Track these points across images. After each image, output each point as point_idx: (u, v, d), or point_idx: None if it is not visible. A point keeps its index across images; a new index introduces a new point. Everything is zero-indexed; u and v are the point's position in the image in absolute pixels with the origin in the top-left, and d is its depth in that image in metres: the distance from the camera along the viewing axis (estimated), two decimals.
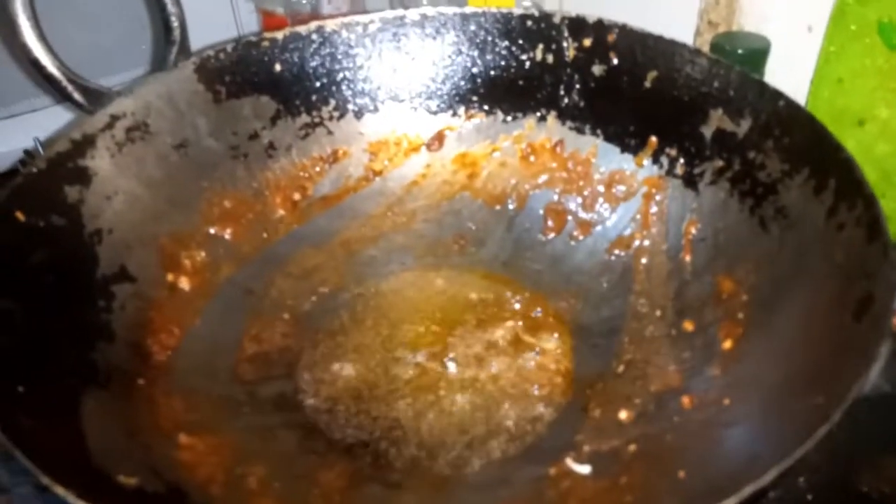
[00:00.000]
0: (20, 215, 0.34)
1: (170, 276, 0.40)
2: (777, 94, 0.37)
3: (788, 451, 0.21)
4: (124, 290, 0.38)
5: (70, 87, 0.39)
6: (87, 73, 0.43)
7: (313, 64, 0.47)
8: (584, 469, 0.32)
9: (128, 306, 0.37)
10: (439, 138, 0.49)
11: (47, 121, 0.66)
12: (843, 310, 0.28)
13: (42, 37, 0.38)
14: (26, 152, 0.63)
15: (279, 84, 0.46)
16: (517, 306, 0.43)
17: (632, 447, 0.32)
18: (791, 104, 0.37)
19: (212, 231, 0.43)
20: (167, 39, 0.43)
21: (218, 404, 0.36)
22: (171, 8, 0.42)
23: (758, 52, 0.50)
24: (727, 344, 0.34)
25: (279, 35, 0.46)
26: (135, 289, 0.38)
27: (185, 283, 0.40)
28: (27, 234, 0.34)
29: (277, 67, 0.46)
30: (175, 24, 0.43)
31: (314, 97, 0.47)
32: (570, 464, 0.32)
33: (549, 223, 0.46)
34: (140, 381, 0.34)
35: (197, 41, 0.51)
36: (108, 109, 0.40)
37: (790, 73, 0.53)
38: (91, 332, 0.34)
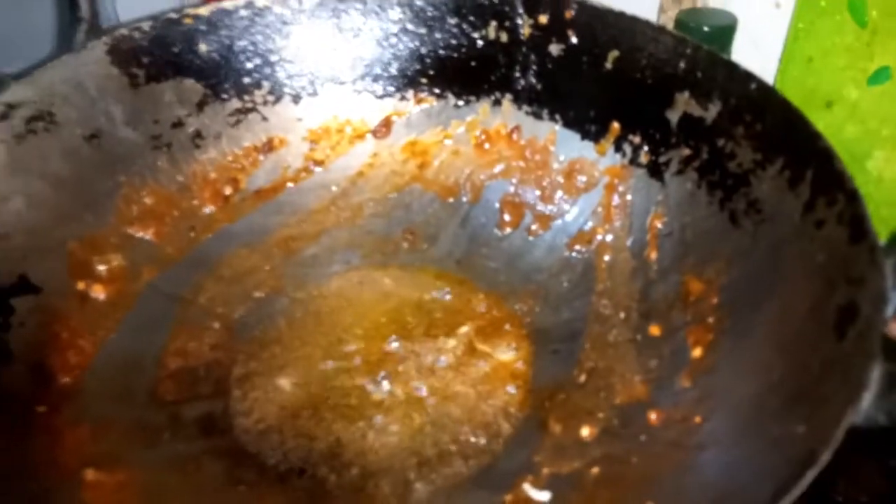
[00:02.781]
0: None
1: (80, 285, 0.36)
2: (748, 76, 0.34)
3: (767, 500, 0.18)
4: (25, 304, 0.33)
5: None
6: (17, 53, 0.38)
7: (243, 43, 0.42)
8: (543, 496, 0.29)
9: (28, 322, 0.33)
10: (386, 124, 0.45)
11: None
12: (823, 319, 0.25)
13: None
14: None
15: (206, 66, 0.42)
16: (472, 309, 0.40)
17: (594, 470, 0.29)
18: (763, 87, 0.34)
19: (130, 232, 0.39)
20: (73, 17, 0.38)
21: (132, 431, 0.32)
22: None
23: (724, 30, 0.48)
24: (697, 352, 0.31)
25: (203, 11, 0.41)
26: (38, 301, 0.34)
27: (98, 292, 0.36)
28: None
29: (203, 47, 0.41)
30: None
31: (246, 80, 0.43)
32: (528, 490, 0.29)
33: (506, 217, 0.43)
34: (40, 409, 0.30)
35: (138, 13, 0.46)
36: (4, 97, 0.35)
37: (758, 52, 0.51)
38: None
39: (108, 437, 0.31)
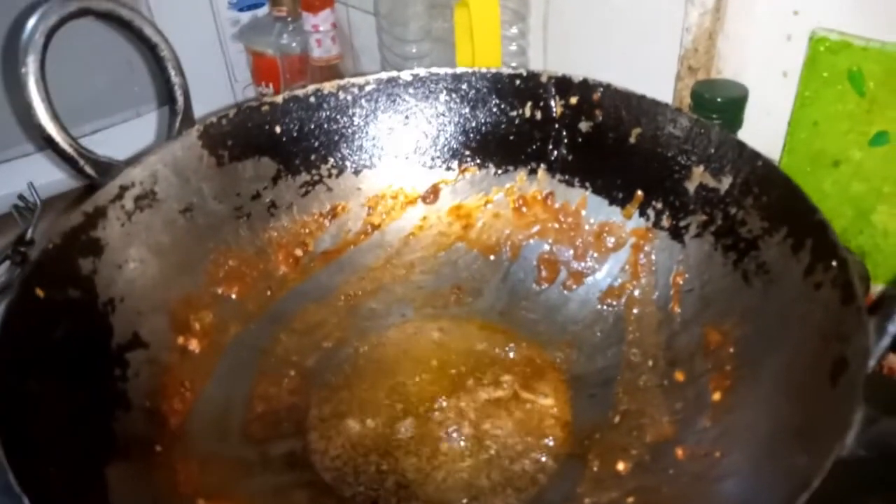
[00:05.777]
0: (40, 292, 0.35)
1: (180, 339, 0.42)
2: (755, 155, 0.39)
3: None
4: (138, 357, 0.39)
5: (81, 162, 0.40)
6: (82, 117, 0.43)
7: (312, 125, 0.48)
8: None
9: (142, 373, 0.38)
10: (434, 191, 0.51)
11: (40, 165, 0.68)
12: (820, 370, 0.30)
13: (55, 116, 0.39)
14: (20, 197, 0.65)
15: (279, 145, 0.48)
16: (514, 357, 0.45)
17: (630, 499, 0.34)
18: (768, 164, 0.39)
19: (218, 291, 0.45)
20: (171, 109, 0.45)
21: (231, 466, 0.37)
22: (174, 79, 0.44)
23: (737, 101, 0.53)
24: (716, 395, 0.36)
25: (279, 99, 0.47)
26: (148, 355, 0.39)
27: (195, 345, 0.42)
28: (47, 310, 0.35)
29: (277, 129, 0.48)
30: (179, 93, 0.44)
31: (313, 156, 0.49)
32: None
33: (543, 273, 0.48)
34: (157, 448, 0.36)
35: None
36: (118, 181, 0.41)
37: (769, 117, 0.56)
38: (109, 403, 0.36)
39: (213, 471, 0.36)
